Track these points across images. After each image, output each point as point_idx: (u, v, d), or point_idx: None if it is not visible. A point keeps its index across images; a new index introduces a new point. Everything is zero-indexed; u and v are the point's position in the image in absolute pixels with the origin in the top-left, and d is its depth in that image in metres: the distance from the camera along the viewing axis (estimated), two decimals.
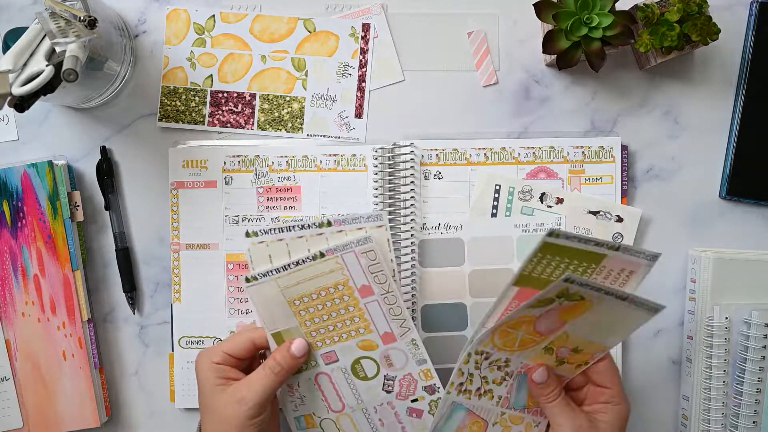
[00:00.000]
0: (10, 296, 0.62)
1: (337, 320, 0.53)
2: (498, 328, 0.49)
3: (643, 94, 0.64)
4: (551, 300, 0.46)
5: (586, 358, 0.52)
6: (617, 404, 0.52)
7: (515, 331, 0.49)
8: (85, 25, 0.52)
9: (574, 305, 0.47)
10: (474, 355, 0.51)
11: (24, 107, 0.49)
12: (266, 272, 0.52)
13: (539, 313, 0.48)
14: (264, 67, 0.64)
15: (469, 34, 0.64)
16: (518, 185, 0.63)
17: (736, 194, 0.64)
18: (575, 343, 0.51)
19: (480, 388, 0.52)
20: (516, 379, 0.53)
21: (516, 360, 0.52)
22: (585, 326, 0.49)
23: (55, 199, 0.62)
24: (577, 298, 0.46)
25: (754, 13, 0.63)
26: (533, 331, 0.49)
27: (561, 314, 0.48)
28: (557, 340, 0.50)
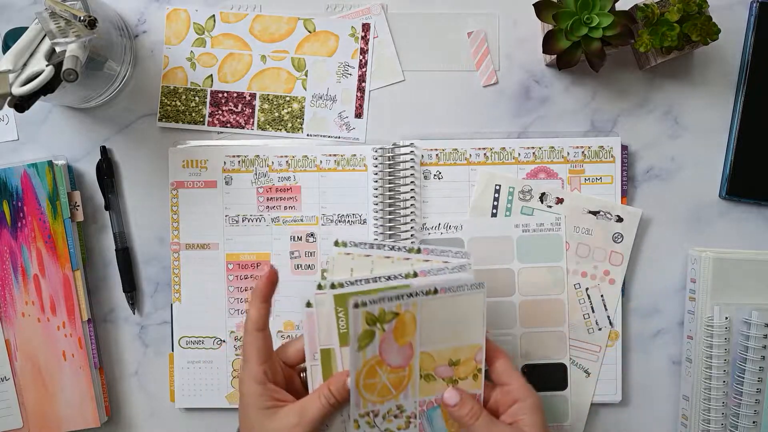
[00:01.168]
0: (10, 296, 0.62)
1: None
2: (357, 384, 0.48)
3: (643, 94, 0.64)
4: (371, 332, 0.46)
5: (473, 364, 0.51)
6: (526, 398, 0.50)
7: (376, 379, 0.49)
8: (85, 25, 0.52)
9: (397, 324, 0.47)
10: (360, 418, 0.50)
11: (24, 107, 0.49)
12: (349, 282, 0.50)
13: (376, 350, 0.47)
14: (264, 67, 0.64)
15: (469, 34, 0.64)
16: (518, 185, 0.63)
17: (736, 194, 0.64)
18: (444, 357, 0.50)
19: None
20: (423, 416, 0.51)
21: (408, 402, 0.50)
22: (432, 337, 0.49)
23: (55, 199, 0.62)
24: (391, 317, 0.46)
25: (754, 13, 0.63)
26: (390, 368, 0.49)
27: (398, 338, 0.48)
28: (424, 363, 0.50)
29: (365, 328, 0.46)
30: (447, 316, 0.49)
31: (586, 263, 0.63)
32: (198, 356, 0.64)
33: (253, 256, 0.64)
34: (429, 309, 0.48)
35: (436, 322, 0.49)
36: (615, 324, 0.63)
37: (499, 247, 0.63)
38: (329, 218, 0.64)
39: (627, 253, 0.63)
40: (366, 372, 0.48)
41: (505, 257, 0.63)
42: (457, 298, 0.48)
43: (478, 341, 0.50)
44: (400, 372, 0.49)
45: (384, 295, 0.46)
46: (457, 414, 0.50)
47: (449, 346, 0.50)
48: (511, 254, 0.63)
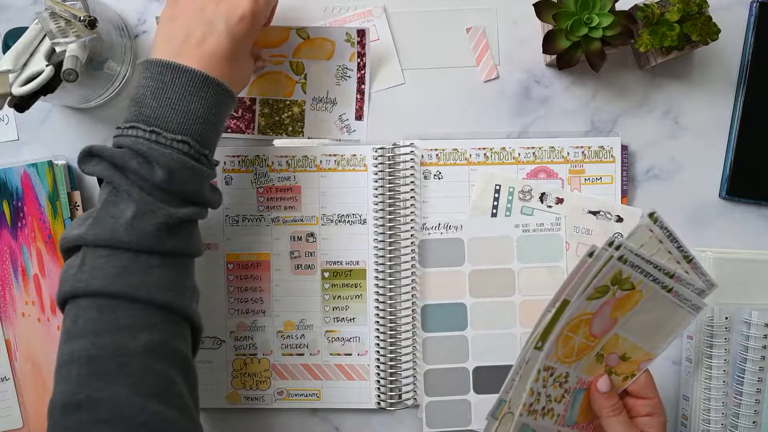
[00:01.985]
0: (10, 296, 0.62)
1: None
2: (562, 332, 0.48)
3: (643, 94, 0.64)
4: (606, 288, 0.47)
5: (633, 369, 0.53)
6: (659, 416, 0.52)
7: (574, 335, 0.49)
8: (85, 25, 0.52)
9: (625, 296, 0.48)
10: (542, 372, 0.49)
11: (24, 107, 0.49)
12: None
13: (595, 307, 0.48)
14: (262, 71, 0.63)
15: (468, 29, 0.64)
16: (518, 185, 0.63)
17: (736, 194, 0.64)
18: (624, 349, 0.51)
19: (545, 407, 0.51)
20: (571, 394, 0.52)
21: (573, 373, 0.51)
22: (634, 326, 0.50)
23: (55, 199, 0.62)
24: (629, 286, 0.47)
25: (754, 13, 0.63)
26: (589, 334, 0.49)
27: (613, 310, 0.49)
28: (608, 344, 0.51)
29: (606, 283, 0.47)
30: (658, 317, 0.50)
31: None
32: (198, 356, 0.64)
33: (253, 256, 0.64)
34: (653, 301, 0.49)
35: (647, 315, 0.50)
36: None
37: (499, 247, 0.63)
38: (329, 218, 0.64)
39: None
40: (573, 325, 0.48)
41: (505, 257, 0.63)
42: (676, 308, 0.50)
43: (655, 353, 0.52)
44: (590, 341, 0.50)
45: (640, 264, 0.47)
46: (603, 403, 0.51)
47: (635, 342, 0.51)
48: (511, 254, 0.63)
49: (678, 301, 0.50)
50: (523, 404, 0.49)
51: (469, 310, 0.63)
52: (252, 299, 0.64)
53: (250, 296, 0.64)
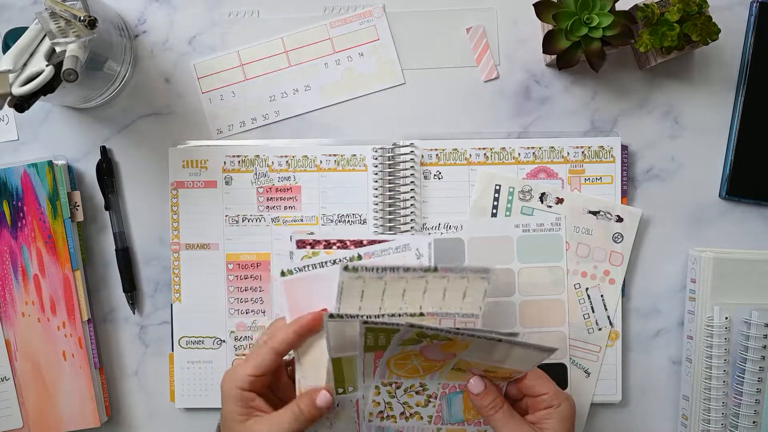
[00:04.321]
0: (10, 296, 0.62)
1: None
2: (389, 361, 0.48)
3: (643, 94, 0.64)
4: (417, 340, 0.46)
5: (506, 374, 0.51)
6: (558, 406, 0.51)
7: (408, 362, 0.49)
8: (85, 25, 0.52)
9: (448, 343, 0.47)
10: (382, 386, 0.51)
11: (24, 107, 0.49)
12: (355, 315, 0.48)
13: (417, 348, 0.47)
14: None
15: (468, 29, 0.64)
16: (518, 185, 0.63)
17: (736, 194, 0.64)
18: (482, 367, 0.50)
19: (404, 412, 0.52)
20: (444, 398, 0.52)
21: (432, 383, 0.51)
22: (480, 356, 0.49)
23: (55, 199, 0.62)
24: (443, 338, 0.46)
25: (754, 13, 0.63)
26: (425, 359, 0.49)
27: (443, 348, 0.48)
28: (460, 363, 0.50)
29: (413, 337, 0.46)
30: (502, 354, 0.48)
31: (586, 263, 0.63)
32: (198, 356, 0.64)
33: (253, 256, 0.64)
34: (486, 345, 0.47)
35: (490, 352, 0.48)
36: (615, 324, 0.63)
37: (499, 247, 0.63)
38: (329, 218, 0.64)
39: (627, 253, 0.63)
40: (400, 356, 0.48)
41: (505, 257, 0.63)
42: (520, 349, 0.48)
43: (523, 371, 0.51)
44: (433, 363, 0.50)
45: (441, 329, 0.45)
46: (479, 403, 0.51)
47: (491, 365, 0.50)
48: (511, 254, 0.63)
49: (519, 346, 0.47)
50: (370, 413, 0.52)
51: None
52: (252, 299, 0.64)
53: (250, 296, 0.64)
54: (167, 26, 0.65)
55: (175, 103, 0.65)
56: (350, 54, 0.65)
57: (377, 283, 0.50)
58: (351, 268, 0.49)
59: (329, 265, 0.52)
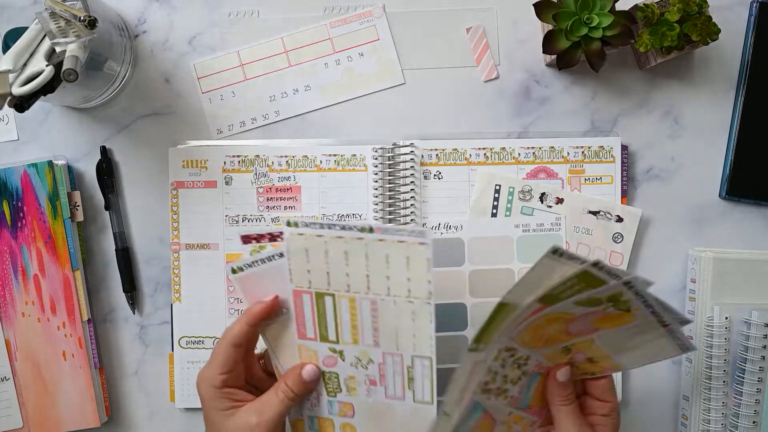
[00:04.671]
0: (10, 296, 0.62)
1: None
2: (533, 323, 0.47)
3: (643, 94, 0.64)
4: (600, 301, 0.45)
5: (596, 371, 0.52)
6: (614, 419, 0.52)
7: (548, 326, 0.48)
8: (85, 25, 0.52)
9: (617, 315, 0.47)
10: (503, 351, 0.49)
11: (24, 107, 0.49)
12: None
13: (581, 312, 0.47)
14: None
15: (468, 29, 0.64)
16: (518, 185, 0.63)
17: (736, 194, 0.64)
18: (595, 353, 0.51)
19: (500, 387, 0.51)
20: (527, 377, 0.52)
21: (534, 357, 0.51)
22: (613, 339, 0.49)
23: (55, 199, 0.62)
24: (624, 307, 0.46)
25: (754, 13, 0.63)
26: (564, 330, 0.49)
27: (598, 321, 0.47)
28: (581, 344, 0.50)
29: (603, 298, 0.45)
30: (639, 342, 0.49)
31: None
32: (198, 356, 0.64)
33: None
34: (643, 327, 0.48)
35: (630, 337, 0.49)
36: None
37: (499, 247, 0.63)
38: (329, 218, 0.64)
39: (627, 253, 0.63)
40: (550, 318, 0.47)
41: (505, 257, 0.63)
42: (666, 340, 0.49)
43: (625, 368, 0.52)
44: (563, 336, 0.49)
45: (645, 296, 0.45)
46: (559, 391, 0.51)
47: (607, 352, 0.50)
48: (511, 254, 0.63)
49: (670, 335, 0.49)
50: (479, 382, 0.48)
51: (469, 310, 0.63)
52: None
53: None
54: (167, 26, 0.65)
55: (175, 103, 0.65)
56: (350, 54, 0.65)
57: (318, 242, 0.50)
58: (293, 224, 0.50)
59: (277, 258, 0.51)
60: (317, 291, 0.51)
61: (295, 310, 0.52)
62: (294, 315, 0.52)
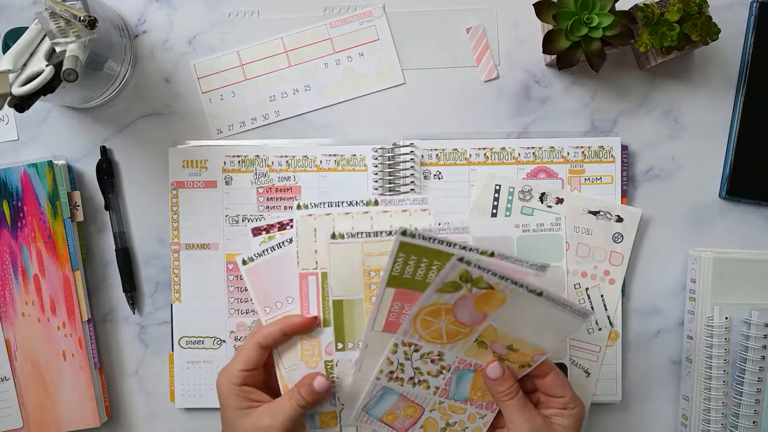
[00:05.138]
0: (10, 296, 0.62)
1: None
2: (417, 315, 0.49)
3: (643, 94, 0.64)
4: (457, 285, 0.46)
5: (527, 359, 0.52)
6: (573, 408, 0.52)
7: (436, 320, 0.49)
8: (85, 25, 0.52)
9: (486, 294, 0.47)
10: (401, 346, 0.51)
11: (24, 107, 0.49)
12: (355, 233, 0.52)
13: (452, 299, 0.47)
14: None
15: (468, 29, 0.64)
16: (518, 185, 0.63)
17: (736, 194, 0.64)
18: (508, 340, 0.51)
19: (413, 377, 0.53)
20: (455, 373, 0.53)
21: (450, 354, 0.52)
22: (511, 321, 0.49)
23: (55, 199, 0.62)
24: (484, 286, 0.46)
25: (754, 13, 0.63)
26: (455, 320, 0.49)
27: (477, 304, 0.48)
28: (486, 333, 0.50)
29: (454, 280, 0.46)
30: (534, 318, 0.49)
31: (586, 263, 0.63)
32: (198, 356, 0.64)
33: None
34: (523, 303, 0.48)
35: (522, 314, 0.49)
36: (615, 324, 0.63)
37: (499, 247, 0.62)
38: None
39: (627, 253, 0.63)
40: (430, 311, 0.48)
41: None
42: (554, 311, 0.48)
43: (546, 348, 0.51)
44: (460, 328, 0.50)
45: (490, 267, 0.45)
46: (495, 388, 0.52)
47: (518, 336, 0.51)
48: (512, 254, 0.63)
49: (555, 305, 0.48)
50: (380, 370, 0.52)
51: None
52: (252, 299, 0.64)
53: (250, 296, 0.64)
54: (167, 26, 0.65)
55: (175, 103, 0.65)
56: (350, 54, 0.65)
57: (327, 221, 0.53)
58: (303, 206, 0.53)
59: (286, 245, 0.54)
60: (323, 271, 0.53)
61: (300, 295, 0.53)
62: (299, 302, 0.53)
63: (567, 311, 0.48)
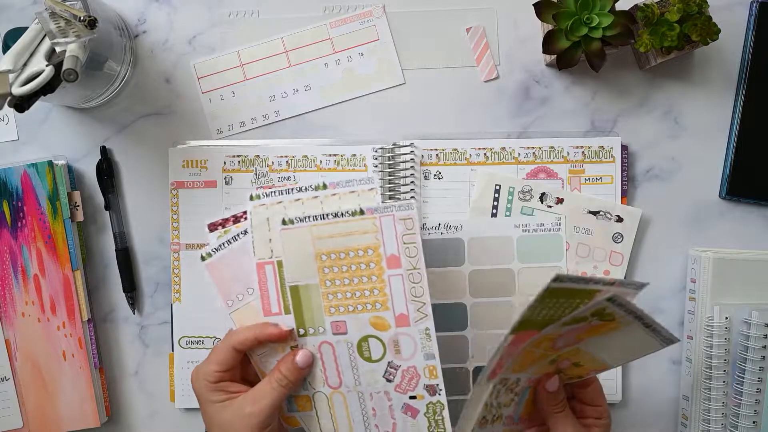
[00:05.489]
0: (10, 296, 0.62)
1: (357, 287, 0.51)
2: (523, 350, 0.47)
3: (643, 94, 0.64)
4: (585, 318, 0.45)
5: (583, 373, 0.52)
6: (605, 419, 0.53)
7: (536, 349, 0.48)
8: (85, 25, 0.52)
9: (602, 324, 0.47)
10: (497, 385, 0.49)
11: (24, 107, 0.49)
12: (304, 217, 0.51)
13: (567, 330, 0.47)
14: None
15: (468, 29, 0.64)
16: (518, 185, 0.63)
17: (736, 194, 0.64)
18: (581, 358, 0.51)
19: (495, 414, 0.51)
20: (520, 394, 0.52)
21: (524, 377, 0.51)
22: (599, 345, 0.49)
23: (55, 199, 0.62)
24: (609, 318, 0.46)
25: (754, 13, 0.63)
26: (551, 348, 0.49)
27: (584, 332, 0.48)
28: (567, 353, 0.50)
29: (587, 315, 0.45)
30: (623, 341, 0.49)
31: (586, 263, 0.63)
32: (198, 356, 0.64)
33: None
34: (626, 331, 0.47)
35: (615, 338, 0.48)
36: None
37: (499, 247, 0.63)
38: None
39: (627, 253, 0.63)
40: (534, 342, 0.47)
41: (505, 257, 0.63)
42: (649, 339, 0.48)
43: (610, 366, 0.52)
44: (550, 352, 0.49)
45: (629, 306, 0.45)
46: (551, 400, 0.52)
47: (592, 354, 0.51)
48: (511, 254, 0.63)
49: (653, 335, 0.49)
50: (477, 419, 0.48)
51: (469, 310, 0.63)
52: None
53: None
54: (167, 26, 0.65)
55: (175, 103, 0.65)
56: (350, 54, 0.65)
57: (278, 209, 0.52)
58: (255, 196, 0.52)
59: (241, 237, 0.53)
60: (278, 259, 0.52)
61: (259, 286, 0.53)
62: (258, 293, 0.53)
63: (657, 338, 0.48)
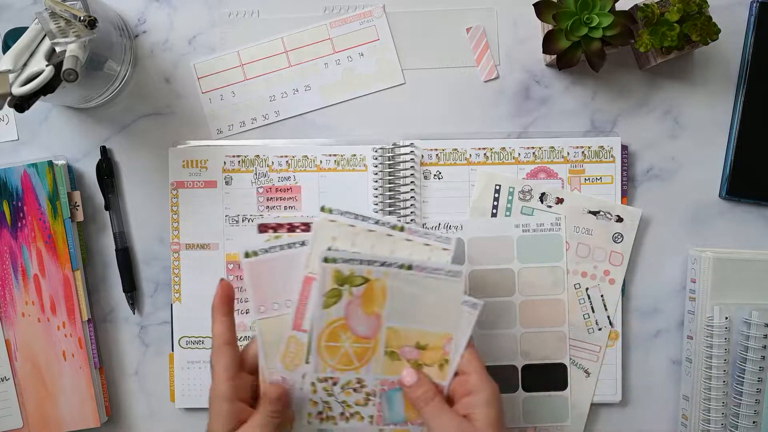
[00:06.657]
0: (10, 296, 0.62)
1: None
2: (319, 345, 0.48)
3: (643, 94, 0.64)
4: (337, 291, 0.46)
5: (440, 354, 0.50)
6: (481, 391, 0.48)
7: (339, 344, 0.49)
8: (85, 25, 0.52)
9: (366, 290, 0.47)
10: (318, 383, 0.50)
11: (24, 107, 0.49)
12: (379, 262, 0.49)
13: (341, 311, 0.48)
14: None
15: (468, 29, 0.64)
16: (518, 185, 0.63)
17: (736, 194, 0.64)
18: (412, 338, 0.50)
19: (343, 412, 0.51)
20: (383, 396, 0.51)
21: (368, 377, 0.51)
22: (404, 314, 0.49)
23: (55, 199, 0.62)
24: (360, 281, 0.46)
25: (754, 13, 0.63)
26: (355, 336, 0.49)
27: (364, 307, 0.48)
28: (390, 339, 0.50)
29: (333, 286, 0.46)
30: (420, 297, 0.49)
31: (586, 263, 0.63)
32: (198, 356, 0.64)
33: None
34: (401, 284, 0.47)
35: (408, 299, 0.49)
36: (615, 324, 0.63)
37: (499, 247, 0.63)
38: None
39: (627, 253, 0.63)
40: (329, 333, 0.48)
41: (505, 257, 0.63)
42: (432, 281, 0.48)
43: (450, 331, 0.50)
44: (364, 343, 0.50)
45: (356, 257, 0.46)
46: (412, 395, 0.50)
47: (418, 328, 0.50)
48: (511, 254, 0.63)
49: (430, 274, 0.47)
50: (308, 413, 0.51)
51: None
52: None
53: None
54: (167, 26, 0.65)
55: (175, 103, 0.65)
56: (350, 54, 0.65)
57: (347, 231, 0.50)
58: (327, 209, 0.50)
59: (297, 247, 0.51)
60: None
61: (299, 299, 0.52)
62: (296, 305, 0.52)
63: (441, 276, 0.47)
